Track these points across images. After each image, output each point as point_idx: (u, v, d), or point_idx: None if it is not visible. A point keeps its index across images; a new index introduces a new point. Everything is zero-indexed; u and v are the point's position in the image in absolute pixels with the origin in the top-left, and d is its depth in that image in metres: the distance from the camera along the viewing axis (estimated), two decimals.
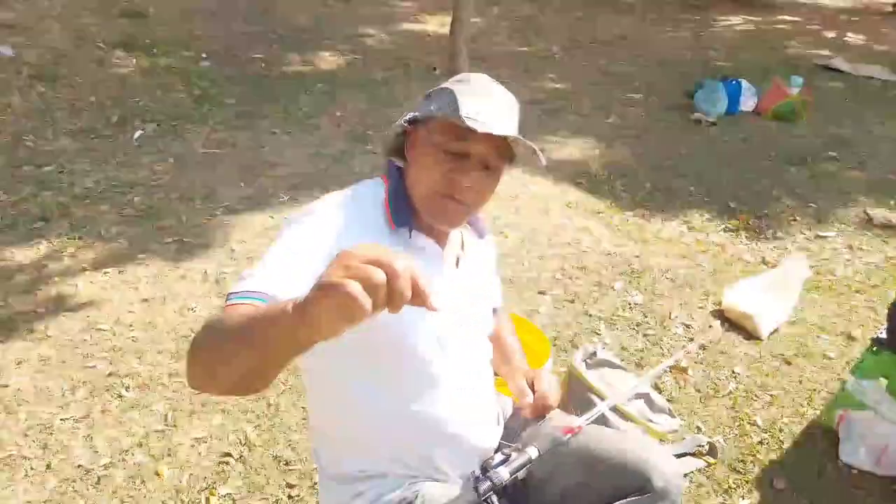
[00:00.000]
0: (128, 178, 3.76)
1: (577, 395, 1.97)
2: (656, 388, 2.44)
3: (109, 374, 2.32)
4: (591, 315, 2.91)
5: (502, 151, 1.18)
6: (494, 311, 1.54)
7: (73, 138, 4.24)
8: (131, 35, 6.17)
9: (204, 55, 6.20)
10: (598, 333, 2.78)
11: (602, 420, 1.83)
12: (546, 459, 1.25)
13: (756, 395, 2.48)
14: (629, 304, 3.00)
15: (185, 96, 5.13)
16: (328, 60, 6.40)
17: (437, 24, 7.86)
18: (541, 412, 1.40)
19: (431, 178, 1.17)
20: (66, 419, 2.12)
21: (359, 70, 6.19)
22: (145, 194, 3.59)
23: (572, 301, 3.00)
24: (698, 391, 2.48)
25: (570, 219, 3.77)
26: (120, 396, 2.23)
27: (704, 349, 2.72)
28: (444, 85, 1.20)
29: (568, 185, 4.24)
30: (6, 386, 2.22)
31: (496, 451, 1.34)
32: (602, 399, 1.85)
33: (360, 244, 0.71)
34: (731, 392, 2.49)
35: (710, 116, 5.43)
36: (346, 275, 0.66)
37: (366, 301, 0.64)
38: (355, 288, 0.63)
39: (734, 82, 5.65)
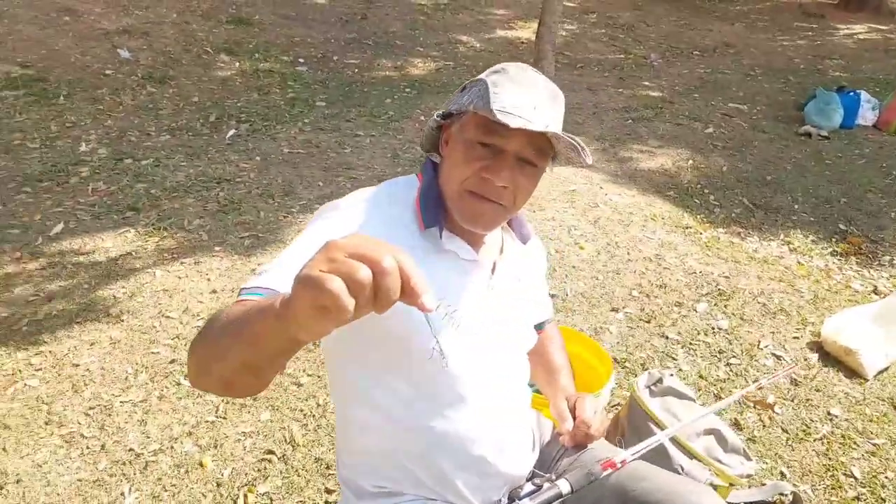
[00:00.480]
0: (215, 173, 3.90)
1: (636, 424, 1.79)
2: (734, 424, 2.20)
3: (171, 361, 2.37)
4: (667, 338, 2.69)
5: (542, 148, 1.06)
6: (542, 324, 1.42)
7: (172, 135, 4.47)
8: (236, 41, 6.47)
9: (301, 60, 6.41)
10: (673, 358, 2.56)
11: (662, 457, 1.65)
12: (580, 495, 1.11)
13: (855, 443, 2.18)
14: (712, 328, 2.75)
15: (279, 98, 5.30)
16: (418, 66, 6.45)
17: (530, 32, 7.75)
18: (581, 441, 1.26)
19: (462, 175, 1.07)
20: (126, 402, 2.17)
21: (448, 76, 6.19)
22: (229, 190, 3.71)
23: (648, 321, 2.79)
24: (785, 431, 2.22)
25: (653, 233, 3.54)
26: (178, 384, 2.26)
27: (797, 384, 2.44)
28: (481, 76, 1.09)
29: (654, 196, 3.99)
30: (77, 365, 2.31)
31: (528, 479, 1.22)
32: (662, 430, 1.66)
33: (352, 235, 0.62)
34: (824, 436, 2.21)
35: (822, 130, 4.98)
36: (329, 269, 0.58)
37: (347, 301, 0.56)
38: (335, 285, 0.56)
39: (852, 94, 5.16)
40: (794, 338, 2.71)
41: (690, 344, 2.66)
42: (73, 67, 5.46)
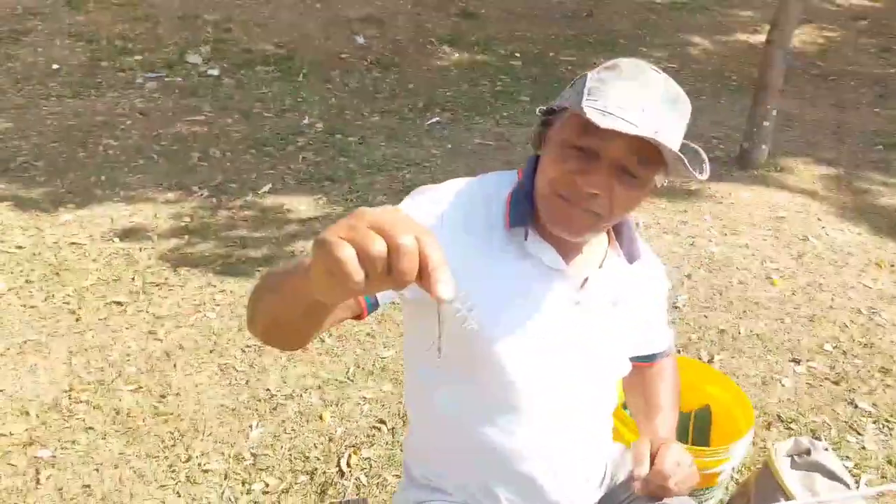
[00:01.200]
0: (408, 156, 4.12)
1: (764, 493, 1.52)
2: None
3: None
4: (857, 406, 2.26)
5: (648, 157, 0.91)
6: (652, 357, 1.27)
7: (381, 117, 4.82)
8: (460, 33, 6.75)
9: (517, 54, 6.48)
10: (858, 433, 2.15)
11: None
12: None
13: None
14: None
15: (486, 91, 5.43)
16: None
17: None
18: (655, 493, 1.09)
19: (552, 175, 0.97)
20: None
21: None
22: (415, 172, 3.90)
23: (836, 382, 2.36)
24: None
25: (873, 281, 2.98)
26: (322, 341, 2.45)
27: None
28: (589, 71, 0.99)
29: (888, 239, 3.35)
30: (240, 316, 2.59)
31: None
32: None
33: (385, 208, 0.61)
34: None
35: None
36: (346, 236, 0.55)
37: (353, 270, 0.54)
38: (344, 253, 0.54)
39: None
40: None
41: (887, 420, 2.21)
42: (315, 50, 6.14)
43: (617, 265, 1.11)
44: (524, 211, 1.02)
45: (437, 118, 4.82)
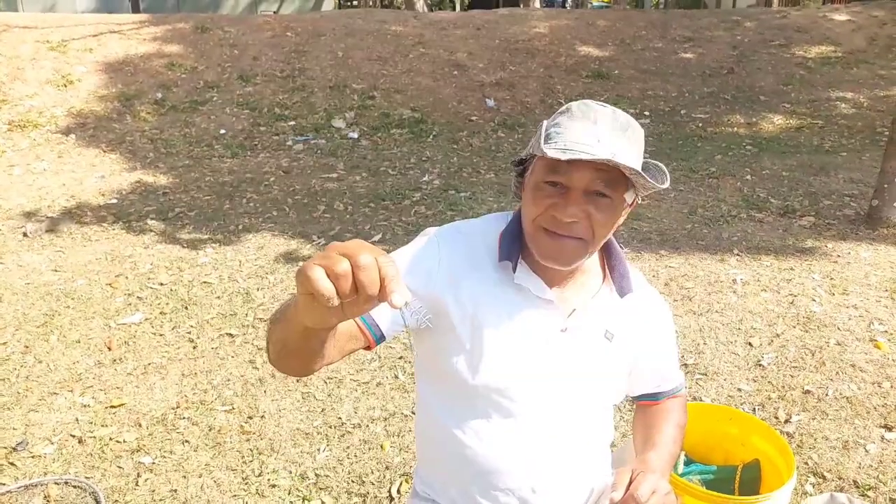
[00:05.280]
0: (511, 209, 4.24)
1: None
2: None
3: (400, 358, 2.72)
4: None
5: (613, 179, 1.01)
6: (657, 395, 1.28)
7: (495, 174, 5.03)
8: (590, 93, 6.85)
9: (647, 112, 6.45)
10: None
11: None
12: None
13: None
14: None
15: None
16: (775, 124, 5.84)
17: None
18: None
19: (533, 214, 1.08)
20: (354, 380, 2.59)
21: (807, 135, 5.46)
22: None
23: None
24: None
25: None
26: (396, 377, 2.59)
27: None
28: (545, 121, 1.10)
29: None
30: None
31: None
32: None
33: (353, 240, 0.76)
34: None
35: None
36: (318, 262, 0.69)
37: (326, 287, 0.66)
38: (317, 273, 0.66)
39: None
40: None
41: None
42: (447, 113, 6.56)
43: (609, 299, 1.16)
44: (512, 247, 1.12)
45: None
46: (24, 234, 3.83)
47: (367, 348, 1.08)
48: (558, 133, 1.00)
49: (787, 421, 2.21)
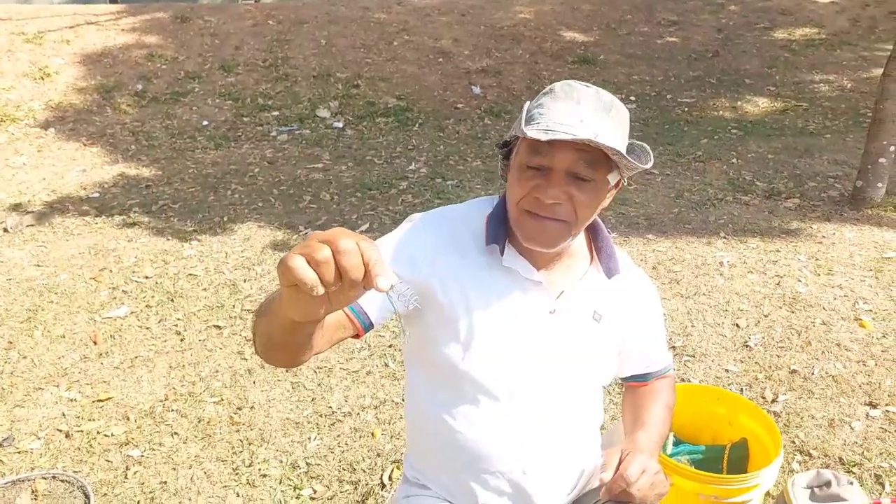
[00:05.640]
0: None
1: None
2: None
3: (389, 346, 2.71)
4: None
5: (594, 160, 1.00)
6: (646, 376, 1.29)
7: (482, 162, 5.01)
8: (576, 78, 6.82)
9: (633, 98, 6.44)
10: None
11: None
12: None
13: None
14: None
15: None
16: (760, 107, 5.86)
17: None
18: (618, 497, 1.10)
19: (517, 196, 1.07)
20: (344, 369, 2.58)
21: (792, 118, 5.48)
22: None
23: None
24: None
25: None
26: (386, 365, 2.59)
27: None
28: (528, 102, 1.09)
29: None
30: None
31: None
32: None
33: (334, 228, 0.74)
34: None
35: None
36: (299, 251, 0.67)
37: (308, 274, 0.64)
38: (297, 261, 0.65)
39: None
40: None
41: None
42: (433, 101, 6.52)
43: (597, 280, 1.16)
44: (498, 230, 1.12)
45: None
46: (5, 230, 3.77)
47: (356, 336, 1.07)
48: (541, 114, 1.00)
49: (773, 400, 2.23)
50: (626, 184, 1.11)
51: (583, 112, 0.99)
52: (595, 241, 1.19)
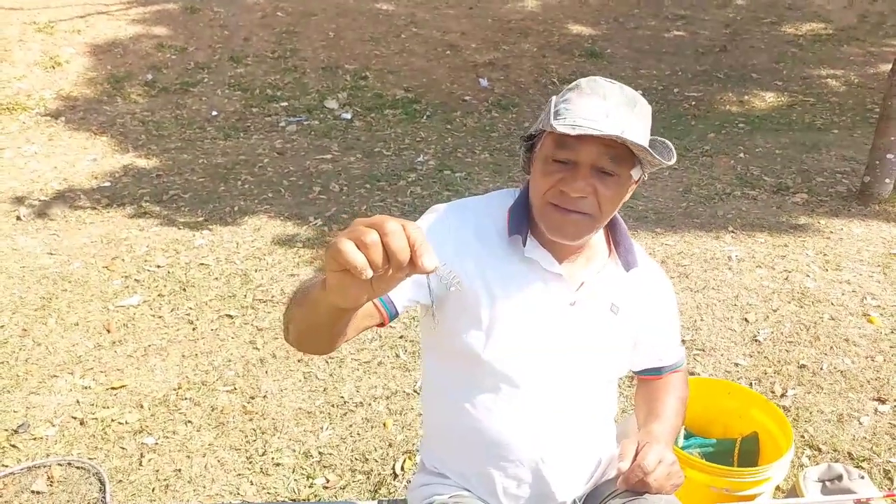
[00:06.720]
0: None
1: None
2: None
3: (400, 337, 2.73)
4: None
5: (619, 155, 1.03)
6: (660, 370, 1.31)
7: (490, 154, 5.02)
8: (583, 72, 6.82)
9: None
10: None
11: None
12: None
13: None
14: None
15: None
16: (768, 102, 5.85)
17: None
18: (635, 487, 1.13)
19: (541, 189, 1.09)
20: (356, 360, 2.60)
21: (799, 113, 5.47)
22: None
23: None
24: None
25: None
26: (397, 356, 2.61)
27: None
28: (554, 97, 1.10)
29: None
30: None
31: None
32: None
33: (377, 215, 0.76)
34: None
35: None
36: (347, 236, 0.68)
37: (357, 257, 0.66)
38: (347, 245, 0.66)
39: None
40: None
41: None
42: (441, 93, 6.51)
43: (615, 273, 1.18)
44: (521, 221, 1.14)
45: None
46: (18, 218, 3.80)
47: (381, 325, 1.08)
48: (567, 109, 1.02)
49: (783, 395, 2.25)
50: (645, 179, 1.13)
51: (608, 107, 1.01)
52: (614, 235, 1.20)
